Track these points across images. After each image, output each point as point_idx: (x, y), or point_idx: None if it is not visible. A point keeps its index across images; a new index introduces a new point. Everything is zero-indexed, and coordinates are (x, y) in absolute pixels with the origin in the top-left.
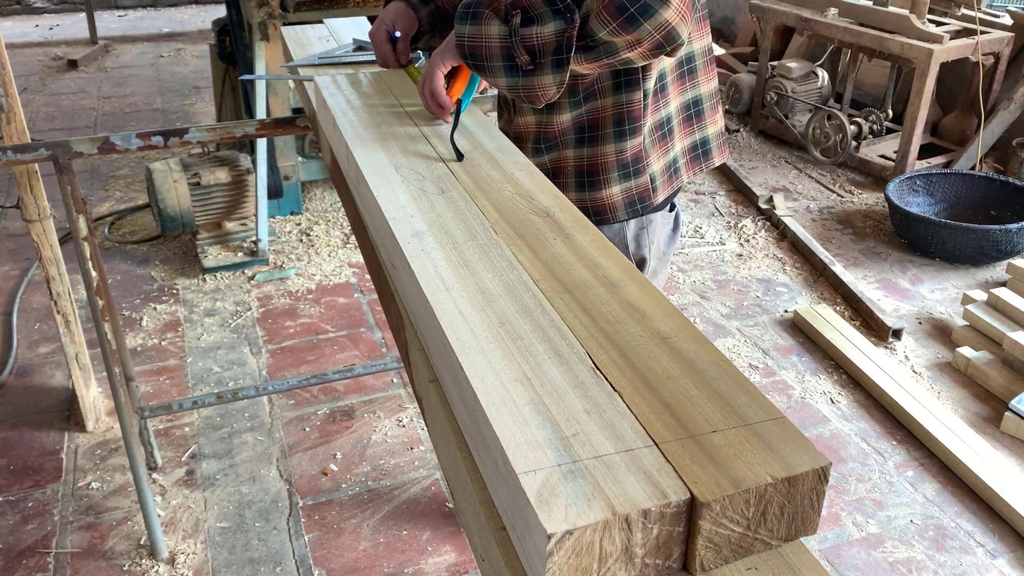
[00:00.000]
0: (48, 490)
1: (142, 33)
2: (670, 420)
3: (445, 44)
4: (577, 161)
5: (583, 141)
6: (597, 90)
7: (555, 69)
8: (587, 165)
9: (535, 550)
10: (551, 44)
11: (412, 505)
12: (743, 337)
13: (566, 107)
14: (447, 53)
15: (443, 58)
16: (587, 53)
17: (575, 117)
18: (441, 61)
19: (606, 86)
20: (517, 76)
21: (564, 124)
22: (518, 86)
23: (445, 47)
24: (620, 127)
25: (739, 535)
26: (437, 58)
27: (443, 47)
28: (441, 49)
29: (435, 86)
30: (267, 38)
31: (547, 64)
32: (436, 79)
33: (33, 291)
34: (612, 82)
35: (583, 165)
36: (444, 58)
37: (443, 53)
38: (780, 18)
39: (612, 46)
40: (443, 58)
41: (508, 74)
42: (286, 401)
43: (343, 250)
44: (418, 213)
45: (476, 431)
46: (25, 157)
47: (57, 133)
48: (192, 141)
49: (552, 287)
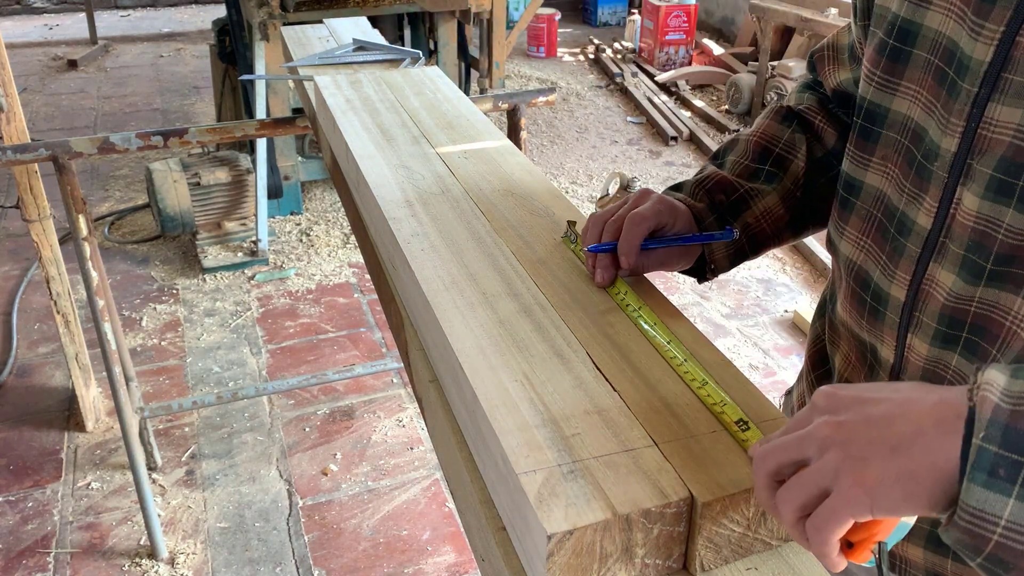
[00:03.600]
0: (48, 490)
1: (142, 33)
2: (670, 420)
3: (895, 477)
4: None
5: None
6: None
7: None
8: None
9: (535, 550)
10: None
11: (412, 505)
12: (743, 337)
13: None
14: (894, 490)
15: (876, 498)
16: None
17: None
18: (866, 505)
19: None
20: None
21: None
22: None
23: (897, 479)
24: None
25: (739, 535)
26: (857, 495)
27: (884, 474)
28: (876, 478)
29: (828, 545)
30: (267, 38)
31: None
32: (834, 532)
33: (33, 291)
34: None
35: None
36: (880, 500)
37: (882, 489)
38: (780, 18)
39: None
40: (876, 498)
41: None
42: (286, 401)
43: (343, 250)
44: (418, 213)
45: (476, 431)
46: (25, 157)
47: (57, 133)
48: (192, 141)
49: (553, 287)
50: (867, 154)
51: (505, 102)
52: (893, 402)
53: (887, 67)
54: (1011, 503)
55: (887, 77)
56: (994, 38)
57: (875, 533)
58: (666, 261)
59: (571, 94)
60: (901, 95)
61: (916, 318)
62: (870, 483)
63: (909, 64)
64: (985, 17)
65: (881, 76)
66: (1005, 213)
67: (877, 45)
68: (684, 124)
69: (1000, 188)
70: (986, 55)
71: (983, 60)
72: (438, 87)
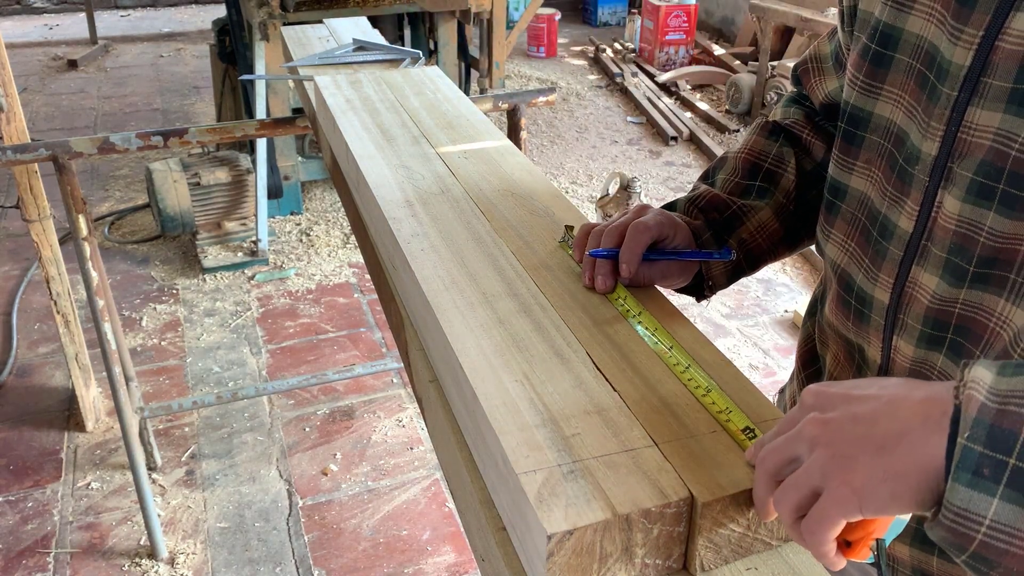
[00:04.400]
0: (48, 490)
1: (142, 33)
2: (670, 420)
3: (892, 474)
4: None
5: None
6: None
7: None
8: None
9: (535, 550)
10: None
11: (412, 505)
12: (743, 337)
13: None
14: (881, 490)
15: (864, 498)
16: None
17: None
18: (854, 505)
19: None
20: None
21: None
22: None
23: (890, 477)
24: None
25: (739, 535)
26: (845, 495)
27: (873, 472)
28: (863, 476)
29: (824, 545)
30: (267, 38)
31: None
32: (828, 533)
33: (33, 291)
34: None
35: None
36: (868, 500)
37: (868, 488)
38: (780, 18)
39: None
40: (864, 498)
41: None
42: (286, 401)
43: (343, 250)
44: (418, 213)
45: (476, 431)
46: (25, 157)
47: (57, 133)
48: (192, 141)
49: (553, 287)
50: (851, 158)
51: (505, 102)
52: (880, 400)
53: (869, 71)
54: (995, 503)
55: (869, 81)
56: (973, 43)
57: (871, 531)
58: (666, 275)
59: (571, 94)
60: (884, 99)
61: (901, 320)
62: (857, 483)
63: (891, 68)
64: (964, 22)
65: (864, 80)
66: (986, 216)
67: (860, 50)
68: (684, 124)
69: (981, 191)
70: (965, 59)
71: (962, 64)
72: (438, 87)
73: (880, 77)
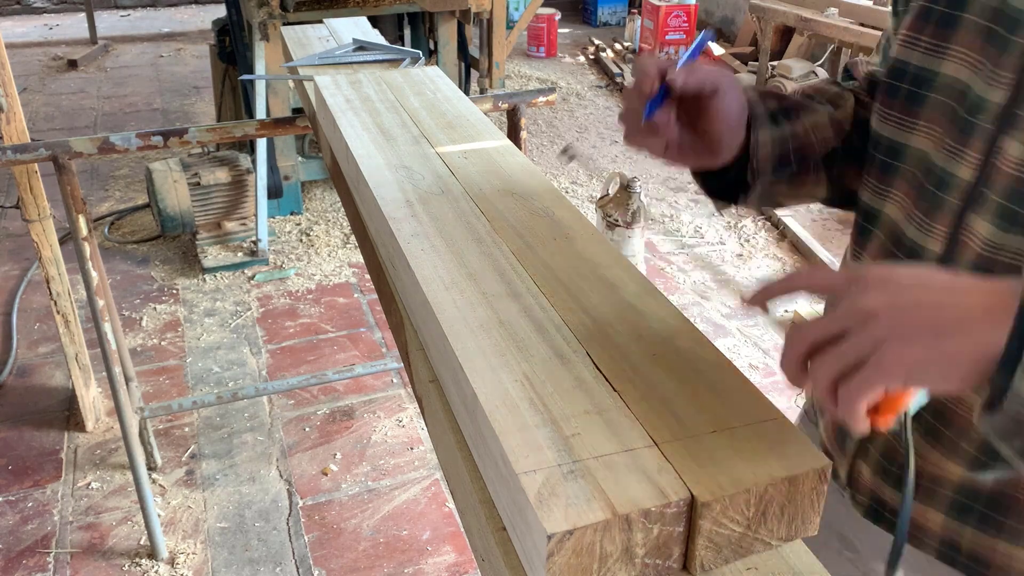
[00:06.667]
0: (48, 490)
1: (142, 33)
2: (670, 420)
3: (928, 347)
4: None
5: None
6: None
7: None
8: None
9: (535, 550)
10: None
11: (412, 505)
12: (743, 337)
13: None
14: (932, 369)
15: (912, 373)
16: None
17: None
18: (900, 377)
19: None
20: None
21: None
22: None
23: (932, 352)
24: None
25: (739, 535)
26: (893, 367)
27: (915, 344)
28: (906, 348)
29: (857, 410)
30: (267, 38)
31: None
32: (865, 398)
33: (33, 291)
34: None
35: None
36: (915, 375)
37: (920, 365)
38: (780, 18)
39: None
40: (912, 373)
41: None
42: (286, 401)
43: (343, 250)
44: (418, 213)
45: (476, 431)
46: (25, 157)
47: (57, 133)
48: (192, 141)
49: (553, 287)
50: (913, 118)
51: (505, 102)
52: (946, 291)
53: (935, 32)
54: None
55: (935, 42)
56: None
57: (899, 403)
58: (709, 132)
59: (571, 94)
60: (949, 59)
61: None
62: (909, 359)
63: (958, 28)
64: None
65: (928, 41)
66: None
67: (921, 11)
68: None
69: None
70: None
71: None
72: (438, 87)
73: (946, 37)
